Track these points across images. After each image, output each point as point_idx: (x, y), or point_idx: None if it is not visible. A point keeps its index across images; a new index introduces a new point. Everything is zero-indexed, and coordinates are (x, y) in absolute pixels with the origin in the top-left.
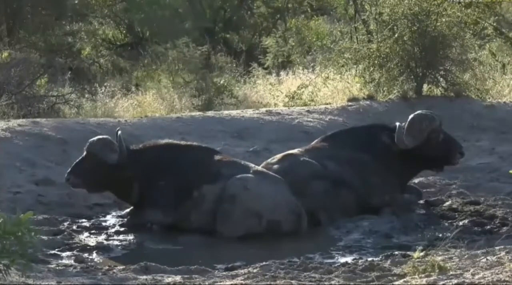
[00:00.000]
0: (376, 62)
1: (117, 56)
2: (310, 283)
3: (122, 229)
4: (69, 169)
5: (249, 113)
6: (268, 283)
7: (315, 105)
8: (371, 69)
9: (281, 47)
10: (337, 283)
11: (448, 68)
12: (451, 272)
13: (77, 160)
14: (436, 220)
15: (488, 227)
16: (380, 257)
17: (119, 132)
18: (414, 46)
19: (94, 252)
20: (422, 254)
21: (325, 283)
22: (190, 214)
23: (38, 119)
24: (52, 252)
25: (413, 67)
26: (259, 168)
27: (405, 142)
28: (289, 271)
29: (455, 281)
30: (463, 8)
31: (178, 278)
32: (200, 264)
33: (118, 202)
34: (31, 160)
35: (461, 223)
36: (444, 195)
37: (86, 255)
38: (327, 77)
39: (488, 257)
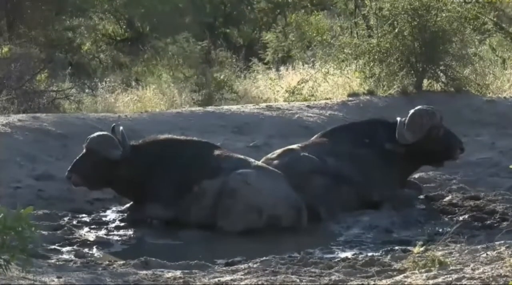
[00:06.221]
0: (376, 57)
1: (117, 51)
2: (310, 278)
3: (122, 224)
4: (70, 167)
5: (249, 108)
6: (268, 278)
7: (315, 100)
8: (371, 64)
9: (281, 42)
10: (337, 278)
11: (448, 63)
12: (451, 267)
13: (77, 158)
14: (436, 215)
15: (488, 222)
16: (380, 252)
17: (121, 127)
18: (414, 41)
19: (94, 247)
20: (422, 249)
21: (325, 278)
22: (190, 209)
23: (38, 114)
24: (52, 247)
25: (413, 62)
26: (259, 163)
27: (406, 137)
28: (289, 266)
29: (455, 276)
30: (463, 3)
31: (178, 273)
32: (200, 259)
33: (118, 197)
34: (31, 155)
35: (461, 218)
36: (444, 190)
37: (86, 250)
38: (327, 72)
39: (488, 252)
